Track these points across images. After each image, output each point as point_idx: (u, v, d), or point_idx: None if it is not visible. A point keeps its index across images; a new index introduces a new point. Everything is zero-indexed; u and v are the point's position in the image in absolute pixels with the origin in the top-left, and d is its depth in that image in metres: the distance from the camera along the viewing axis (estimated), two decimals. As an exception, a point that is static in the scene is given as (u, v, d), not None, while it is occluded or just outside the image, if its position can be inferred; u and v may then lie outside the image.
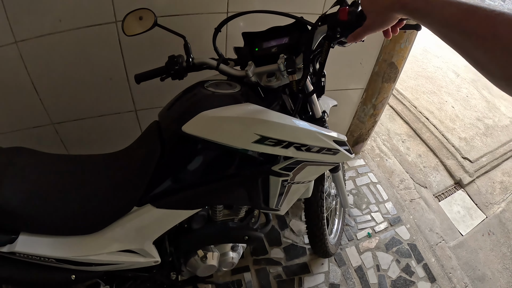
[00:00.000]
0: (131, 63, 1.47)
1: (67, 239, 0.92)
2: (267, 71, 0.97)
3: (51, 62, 1.38)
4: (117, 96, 1.59)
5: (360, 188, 2.33)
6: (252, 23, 1.29)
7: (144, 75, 1.00)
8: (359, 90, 2.13)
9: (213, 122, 0.86)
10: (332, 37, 0.80)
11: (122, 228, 0.94)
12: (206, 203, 1.05)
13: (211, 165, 0.95)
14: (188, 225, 1.12)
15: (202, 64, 1.01)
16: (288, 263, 1.80)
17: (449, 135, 3.07)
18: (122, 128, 1.72)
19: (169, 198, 0.94)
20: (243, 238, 1.17)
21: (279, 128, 0.89)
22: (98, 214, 0.93)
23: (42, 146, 1.00)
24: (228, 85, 0.98)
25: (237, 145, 0.88)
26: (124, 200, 0.94)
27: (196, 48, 1.03)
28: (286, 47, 0.97)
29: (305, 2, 1.53)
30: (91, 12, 1.29)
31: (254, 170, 0.99)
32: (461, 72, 4.12)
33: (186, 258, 1.17)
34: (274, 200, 1.08)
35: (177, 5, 1.36)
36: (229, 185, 0.99)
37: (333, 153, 1.01)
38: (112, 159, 1.02)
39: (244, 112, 0.88)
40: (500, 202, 2.62)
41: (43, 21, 1.26)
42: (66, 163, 1.03)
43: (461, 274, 1.98)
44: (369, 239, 2.01)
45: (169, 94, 1.08)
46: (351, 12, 0.73)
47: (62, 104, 1.54)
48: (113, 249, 0.96)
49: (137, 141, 1.05)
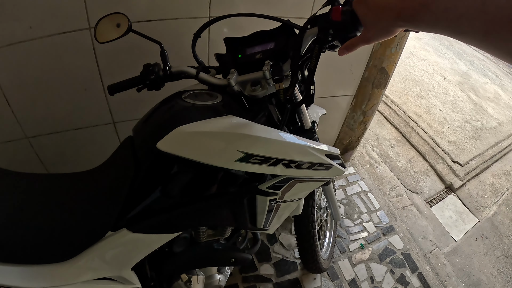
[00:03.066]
0: (107, 72, 1.39)
1: (37, 268, 0.82)
2: (251, 79, 0.89)
3: (23, 71, 1.30)
4: (94, 107, 1.50)
5: (351, 197, 2.28)
6: (235, 28, 1.22)
7: (118, 86, 0.91)
8: (348, 97, 2.08)
9: (191, 138, 0.77)
10: (324, 41, 0.72)
11: (96, 255, 0.85)
12: (188, 226, 0.96)
13: (191, 185, 0.86)
14: (170, 248, 1.03)
15: (180, 73, 0.92)
16: (279, 280, 1.73)
17: (438, 139, 3.07)
18: (100, 142, 1.63)
19: (146, 221, 0.85)
20: (229, 260, 1.09)
21: (265, 144, 0.81)
22: (70, 240, 0.84)
23: (16, 161, 0.92)
24: (208, 95, 0.89)
25: (218, 164, 0.80)
26: (98, 224, 0.84)
27: (176, 55, 0.96)
28: (271, 53, 0.90)
29: (292, 6, 1.47)
30: (63, 18, 1.21)
31: (239, 189, 0.91)
32: (448, 75, 4.17)
33: (169, 283, 1.08)
34: (262, 219, 0.99)
35: (156, 9, 1.29)
36: (212, 206, 0.91)
37: (325, 168, 0.93)
38: (83, 178, 0.93)
39: (226, 126, 0.79)
40: (491, 205, 2.62)
41: (12, 28, 1.18)
42: (35, 183, 0.93)
43: (456, 281, 1.95)
44: (362, 251, 1.96)
45: (149, 105, 1.00)
46: (345, 12, 0.65)
47: (36, 117, 1.45)
48: (88, 278, 0.86)
49: (109, 159, 0.95)
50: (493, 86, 4.28)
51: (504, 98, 4.11)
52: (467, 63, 4.65)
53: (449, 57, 4.66)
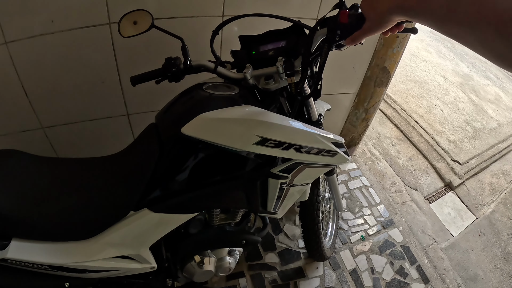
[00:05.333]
0: (124, 66, 1.45)
1: (61, 245, 0.89)
2: (265, 74, 0.97)
3: (41, 64, 1.35)
4: (109, 99, 1.56)
5: (352, 191, 2.34)
6: (247, 26, 1.29)
7: (141, 77, 0.98)
8: (351, 95, 2.14)
9: (213, 123, 0.85)
10: (332, 40, 0.80)
11: (118, 234, 0.92)
12: (205, 207, 1.03)
13: (210, 168, 0.94)
14: (185, 230, 1.10)
15: (200, 67, 0.99)
16: (283, 268, 1.80)
17: (439, 138, 3.12)
18: (113, 133, 1.70)
19: (167, 202, 0.92)
20: (240, 242, 1.16)
21: (279, 130, 0.89)
22: (93, 219, 0.90)
23: (31, 151, 0.97)
24: (226, 87, 0.97)
25: (237, 146, 0.88)
26: (121, 204, 0.91)
27: (191, 51, 1.02)
28: (283, 51, 0.97)
29: (300, 7, 1.53)
30: (84, 13, 1.26)
31: (253, 172, 0.98)
32: (449, 76, 4.20)
33: (182, 264, 1.15)
34: (272, 203, 1.07)
35: (172, 7, 1.35)
36: (228, 188, 0.98)
37: (331, 155, 1.01)
38: (108, 162, 1.00)
39: (245, 114, 0.87)
40: (489, 203, 2.66)
41: (34, 21, 1.23)
42: (59, 166, 1.00)
43: (454, 274, 2.00)
44: (362, 242, 2.02)
45: (162, 99, 1.06)
46: (352, 15, 0.73)
47: (53, 108, 1.50)
48: (108, 255, 0.93)
49: (133, 144, 1.03)
50: (494, 88, 4.31)
51: (505, 100, 4.14)
52: (469, 65, 4.67)
53: (451, 59, 4.69)
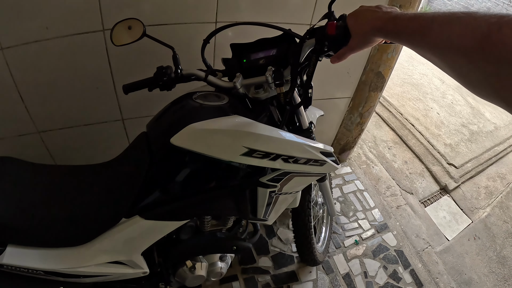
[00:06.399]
0: (118, 72, 1.46)
1: (55, 251, 0.90)
2: (255, 83, 0.98)
3: (37, 69, 1.36)
4: (104, 105, 1.57)
5: (347, 195, 2.35)
6: (240, 34, 1.29)
7: (132, 86, 0.99)
8: (346, 99, 2.15)
9: (201, 134, 0.86)
10: (320, 51, 0.81)
11: (110, 240, 0.93)
12: (195, 214, 1.05)
13: (199, 177, 0.95)
14: (177, 236, 1.11)
15: (191, 76, 1.00)
16: (276, 272, 1.80)
17: (435, 141, 3.12)
18: (108, 137, 1.71)
19: (157, 209, 0.94)
20: (231, 248, 1.17)
21: (266, 141, 0.90)
22: (86, 226, 0.92)
23: (27, 154, 0.99)
24: (216, 97, 0.98)
25: (225, 157, 0.89)
26: (113, 211, 0.93)
27: (184, 57, 1.03)
28: (273, 59, 0.99)
29: (294, 13, 1.54)
30: (78, 20, 1.27)
31: (242, 181, 0.99)
32: (446, 79, 4.21)
33: (174, 269, 1.16)
34: (262, 210, 1.08)
35: (165, 14, 1.36)
36: (217, 196, 1.00)
37: (320, 164, 1.02)
38: (100, 169, 1.02)
39: (233, 125, 0.88)
40: (485, 207, 2.67)
41: (29, 28, 1.24)
42: (53, 173, 1.01)
43: (448, 278, 2.01)
44: (356, 246, 2.03)
45: (156, 104, 1.07)
46: (339, 27, 0.74)
47: (48, 112, 1.52)
48: (101, 261, 0.95)
49: (125, 152, 1.04)
50: (491, 91, 4.31)
51: (502, 102, 4.14)
52: (466, 68, 4.68)
53: (449, 62, 4.70)
